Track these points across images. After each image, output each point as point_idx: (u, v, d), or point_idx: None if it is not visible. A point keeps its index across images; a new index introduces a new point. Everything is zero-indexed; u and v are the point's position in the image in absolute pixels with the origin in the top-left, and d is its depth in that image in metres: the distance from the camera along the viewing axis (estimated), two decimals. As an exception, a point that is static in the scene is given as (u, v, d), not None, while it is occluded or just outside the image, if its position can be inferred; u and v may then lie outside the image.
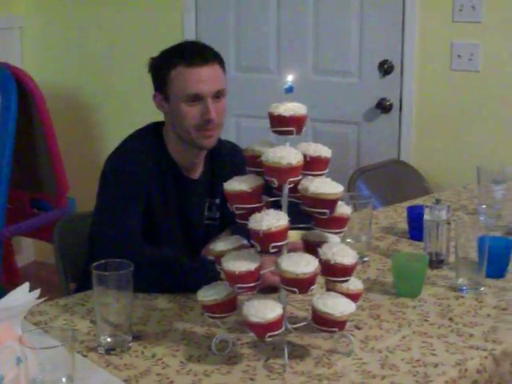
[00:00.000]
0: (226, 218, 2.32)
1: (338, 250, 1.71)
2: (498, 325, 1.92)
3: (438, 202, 2.30)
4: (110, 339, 1.77)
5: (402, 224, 2.67)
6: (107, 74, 4.50)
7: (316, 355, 1.75)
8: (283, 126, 1.69)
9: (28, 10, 4.60)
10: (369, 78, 3.93)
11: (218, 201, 2.39)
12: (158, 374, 1.67)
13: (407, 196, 3.13)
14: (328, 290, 1.77)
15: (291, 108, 1.68)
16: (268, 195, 1.74)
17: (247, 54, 4.16)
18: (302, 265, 1.65)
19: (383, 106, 3.89)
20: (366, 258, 2.33)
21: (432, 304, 2.05)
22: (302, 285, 1.66)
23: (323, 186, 1.68)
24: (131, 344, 1.79)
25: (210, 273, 1.87)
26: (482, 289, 2.12)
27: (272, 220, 1.64)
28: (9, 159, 3.81)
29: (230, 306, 1.75)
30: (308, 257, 1.68)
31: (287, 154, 1.65)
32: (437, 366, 1.71)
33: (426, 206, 2.32)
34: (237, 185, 1.71)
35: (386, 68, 3.87)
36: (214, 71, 2.24)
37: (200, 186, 2.37)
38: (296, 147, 1.70)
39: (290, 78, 1.71)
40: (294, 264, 1.65)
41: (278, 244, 1.66)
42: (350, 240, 2.25)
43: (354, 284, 1.78)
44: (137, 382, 1.64)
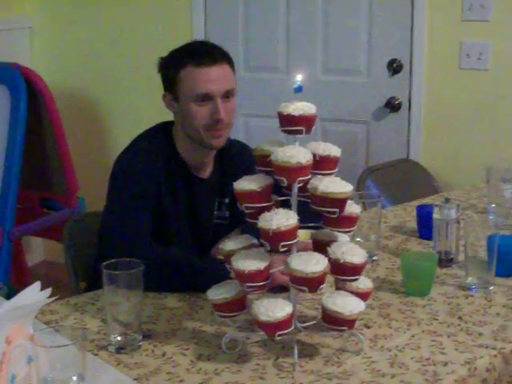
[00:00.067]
0: (236, 217, 2.32)
1: (348, 249, 1.71)
2: (507, 323, 1.92)
3: (447, 200, 2.30)
4: (121, 338, 1.78)
5: (411, 223, 2.67)
6: (116, 74, 4.50)
7: (325, 354, 1.76)
8: (293, 125, 1.69)
9: (37, 10, 4.60)
10: (378, 77, 3.92)
11: (227, 200, 2.39)
12: (168, 373, 1.68)
13: (416, 195, 3.13)
14: (337, 288, 1.78)
15: (301, 107, 1.69)
16: (277, 194, 1.75)
17: (256, 53, 4.16)
18: (312, 264, 1.66)
19: (392, 105, 3.89)
20: (375, 257, 2.33)
21: (441, 303, 2.05)
22: (311, 284, 1.66)
23: (333, 185, 1.68)
24: (141, 343, 1.79)
25: (219, 272, 1.87)
26: (492, 288, 2.12)
27: (281, 219, 1.65)
28: (19, 159, 3.81)
29: (239, 304, 1.75)
30: (317, 256, 1.69)
31: (297, 153, 1.65)
32: (446, 364, 1.71)
33: (436, 205, 2.32)
34: (246, 184, 1.71)
35: (394, 67, 3.86)
36: (223, 71, 2.24)
37: (209, 186, 2.38)
38: (305, 146, 1.70)
39: (299, 77, 1.71)
40: (303, 263, 1.66)
41: (288, 243, 1.67)
42: (359, 239, 2.26)
43: (364, 283, 1.79)
44: (147, 380, 1.65)
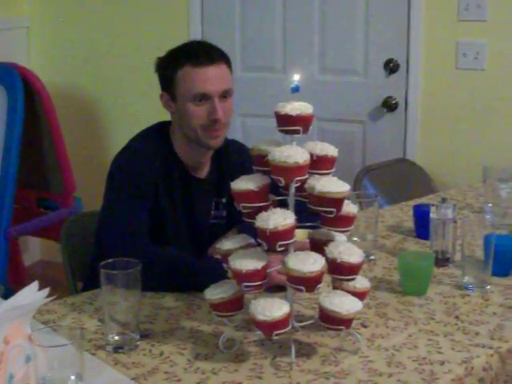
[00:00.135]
0: (233, 217, 2.32)
1: (345, 249, 1.72)
2: (503, 323, 1.92)
3: (444, 200, 2.31)
4: (118, 338, 1.78)
5: (408, 222, 2.67)
6: (114, 74, 4.50)
7: (323, 353, 1.76)
8: (290, 125, 1.69)
9: (34, 10, 4.60)
10: (374, 77, 3.93)
11: (224, 200, 2.40)
12: (166, 372, 1.68)
13: (413, 195, 3.13)
14: (335, 288, 1.78)
15: (298, 107, 1.69)
16: (274, 194, 1.75)
17: (253, 53, 4.16)
18: (309, 263, 1.66)
19: (389, 105, 3.90)
20: (372, 257, 2.33)
21: (438, 302, 2.05)
22: (308, 283, 1.67)
23: (330, 184, 1.68)
24: (139, 342, 1.79)
25: (217, 271, 1.87)
26: (488, 287, 2.12)
27: (279, 219, 1.65)
28: (16, 159, 3.82)
29: (236, 304, 1.76)
30: (315, 255, 1.69)
31: (294, 153, 1.66)
32: (443, 363, 1.71)
33: (433, 205, 2.32)
34: (244, 184, 1.71)
35: (391, 67, 3.87)
36: (220, 71, 2.24)
37: (207, 185, 2.38)
38: (303, 146, 1.71)
39: (296, 77, 1.71)
40: (300, 262, 1.66)
41: (285, 243, 1.67)
42: (356, 239, 2.26)
43: (361, 282, 1.79)
44: (145, 380, 1.65)
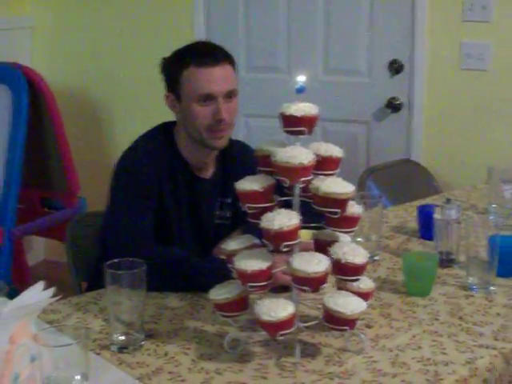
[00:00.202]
0: (238, 217, 2.33)
1: (349, 250, 1.72)
2: (508, 324, 1.93)
3: (448, 201, 2.31)
4: (123, 337, 1.79)
5: (412, 223, 2.67)
6: (118, 74, 4.50)
7: (327, 353, 1.76)
8: (295, 126, 1.70)
9: (38, 10, 4.61)
10: (378, 78, 3.93)
11: (229, 200, 2.39)
12: (170, 372, 1.69)
13: (417, 195, 3.13)
14: (339, 288, 1.78)
15: (303, 108, 1.69)
16: (279, 195, 1.75)
17: (257, 53, 4.16)
18: (314, 264, 1.66)
19: (393, 106, 3.90)
20: (376, 257, 2.34)
21: (442, 303, 2.05)
22: (313, 284, 1.67)
23: (334, 185, 1.69)
24: (143, 342, 1.80)
25: (221, 272, 1.87)
26: (492, 288, 2.12)
27: (284, 219, 1.65)
28: (20, 159, 3.82)
29: (241, 304, 1.76)
30: (319, 256, 1.69)
31: (299, 153, 1.66)
32: (447, 364, 1.72)
33: (437, 206, 2.33)
34: (248, 184, 1.72)
35: (395, 67, 3.87)
36: (225, 71, 2.25)
37: (211, 186, 2.38)
38: (307, 147, 1.71)
39: (301, 78, 1.72)
40: (305, 263, 1.66)
41: (290, 243, 1.67)
42: (360, 239, 2.26)
43: (365, 283, 1.79)
44: (149, 380, 1.66)
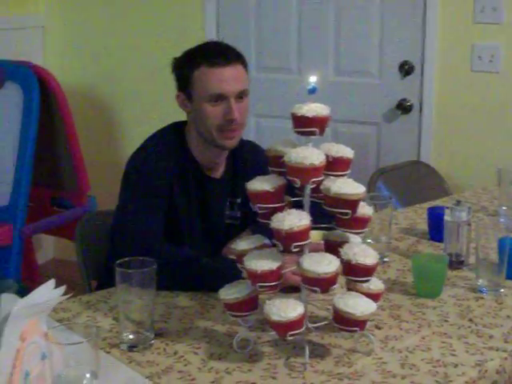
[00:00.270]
0: (248, 217, 2.33)
1: (360, 251, 1.72)
2: (517, 326, 1.93)
3: (458, 203, 2.31)
4: (133, 336, 1.79)
5: (422, 225, 2.67)
6: (129, 73, 4.51)
7: (336, 354, 1.76)
8: (306, 126, 1.70)
9: (50, 9, 4.62)
10: (389, 79, 3.92)
11: (239, 200, 2.40)
12: (180, 371, 1.69)
13: (427, 197, 3.13)
14: (349, 289, 1.78)
15: (314, 109, 1.69)
16: (290, 195, 1.76)
17: (268, 54, 4.16)
18: (324, 264, 1.66)
19: (403, 107, 3.89)
20: (386, 259, 2.34)
21: (452, 305, 2.05)
22: (323, 284, 1.67)
23: (345, 186, 1.69)
24: (153, 341, 1.80)
25: (231, 271, 1.87)
26: (502, 290, 2.12)
27: (294, 220, 1.65)
28: (30, 157, 3.83)
29: (251, 304, 1.76)
30: (329, 256, 1.69)
31: (310, 154, 1.66)
32: (457, 366, 1.71)
33: (447, 207, 2.32)
34: (259, 184, 1.72)
35: (406, 69, 3.86)
36: (236, 71, 2.25)
37: (222, 186, 2.38)
38: (318, 148, 1.71)
39: (313, 78, 1.72)
40: (315, 263, 1.67)
41: (300, 243, 1.67)
42: (370, 240, 2.25)
43: (375, 284, 1.79)
44: (159, 378, 1.66)
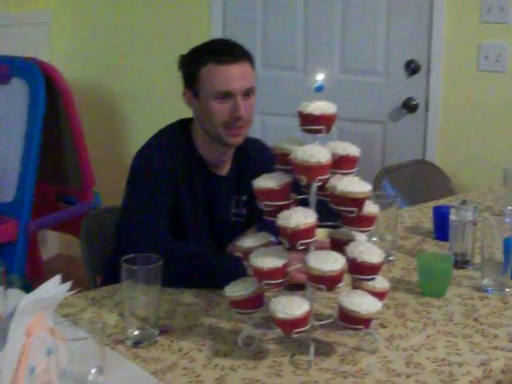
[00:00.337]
0: (253, 214, 2.33)
1: (365, 249, 1.72)
2: (523, 326, 1.92)
3: (464, 202, 2.30)
4: (138, 332, 1.79)
5: (428, 224, 2.67)
6: (135, 70, 4.52)
7: (341, 352, 1.76)
8: (313, 124, 1.70)
9: (56, 5, 4.62)
10: (395, 78, 3.92)
11: (244, 197, 2.40)
12: (185, 368, 1.69)
13: (432, 196, 3.13)
14: (354, 287, 1.78)
15: (321, 107, 1.69)
16: (296, 193, 1.76)
17: (274, 52, 4.17)
18: (330, 262, 1.66)
19: (409, 106, 3.89)
20: (391, 258, 2.33)
21: (457, 304, 2.05)
22: (328, 282, 1.67)
23: (352, 184, 1.69)
24: (158, 338, 1.81)
25: (237, 269, 1.88)
26: (507, 290, 2.12)
27: (300, 217, 1.65)
28: (36, 153, 3.83)
29: (256, 301, 1.76)
30: (335, 255, 1.69)
31: (317, 152, 1.66)
32: (461, 365, 1.71)
33: (453, 207, 2.32)
34: (265, 182, 1.72)
35: (412, 68, 3.86)
36: (243, 69, 2.25)
37: (227, 183, 2.38)
38: (325, 146, 1.71)
39: (320, 76, 1.72)
40: (321, 261, 1.67)
41: (306, 241, 1.67)
42: (375, 239, 2.26)
43: (380, 282, 1.79)
44: (164, 375, 1.66)
